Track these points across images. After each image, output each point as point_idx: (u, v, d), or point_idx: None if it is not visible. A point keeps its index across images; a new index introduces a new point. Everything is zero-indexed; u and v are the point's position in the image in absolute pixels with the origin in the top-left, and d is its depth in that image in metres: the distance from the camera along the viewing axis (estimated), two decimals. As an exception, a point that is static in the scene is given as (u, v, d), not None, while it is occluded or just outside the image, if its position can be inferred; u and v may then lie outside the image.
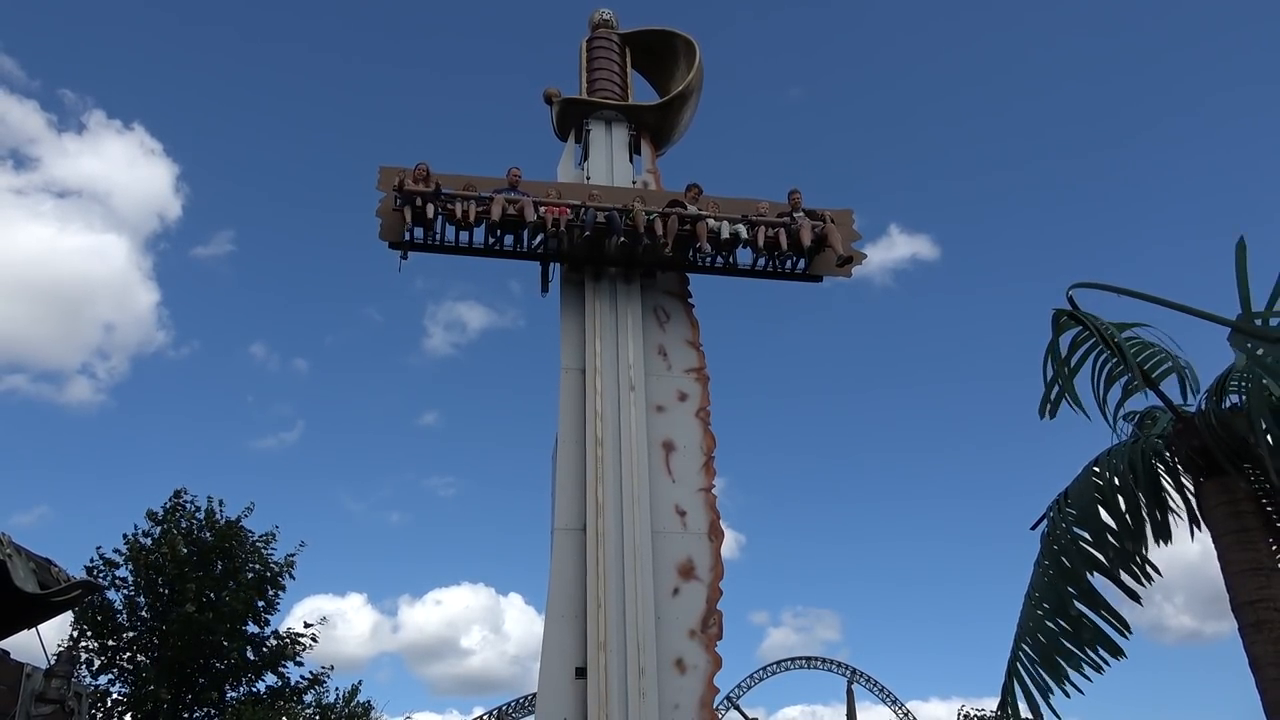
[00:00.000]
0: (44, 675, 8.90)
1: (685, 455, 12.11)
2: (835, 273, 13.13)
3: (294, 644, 19.04)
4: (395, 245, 12.57)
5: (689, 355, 12.78)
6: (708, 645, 11.11)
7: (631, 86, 15.16)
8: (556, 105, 14.61)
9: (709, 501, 11.87)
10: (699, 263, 13.12)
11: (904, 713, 48.19)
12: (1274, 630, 6.86)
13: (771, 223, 12.78)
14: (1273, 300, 6.58)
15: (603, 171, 13.94)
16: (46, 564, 8.57)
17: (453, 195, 12.32)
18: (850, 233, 13.25)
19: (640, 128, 14.59)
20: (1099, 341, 7.76)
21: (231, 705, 17.94)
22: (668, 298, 13.16)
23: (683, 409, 12.40)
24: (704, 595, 11.36)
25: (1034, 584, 8.69)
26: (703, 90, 15.00)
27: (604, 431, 11.83)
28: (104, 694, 17.46)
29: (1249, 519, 7.31)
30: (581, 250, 12.66)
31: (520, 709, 48.62)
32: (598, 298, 12.74)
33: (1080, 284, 7.48)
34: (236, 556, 18.68)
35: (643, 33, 15.67)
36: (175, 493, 19.05)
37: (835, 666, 51.14)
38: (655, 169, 14.41)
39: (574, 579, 11.19)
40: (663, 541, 11.49)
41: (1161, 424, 8.41)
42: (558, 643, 10.86)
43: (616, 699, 10.46)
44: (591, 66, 14.96)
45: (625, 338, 12.51)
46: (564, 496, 11.65)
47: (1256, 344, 6.66)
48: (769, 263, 13.12)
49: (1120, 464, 8.17)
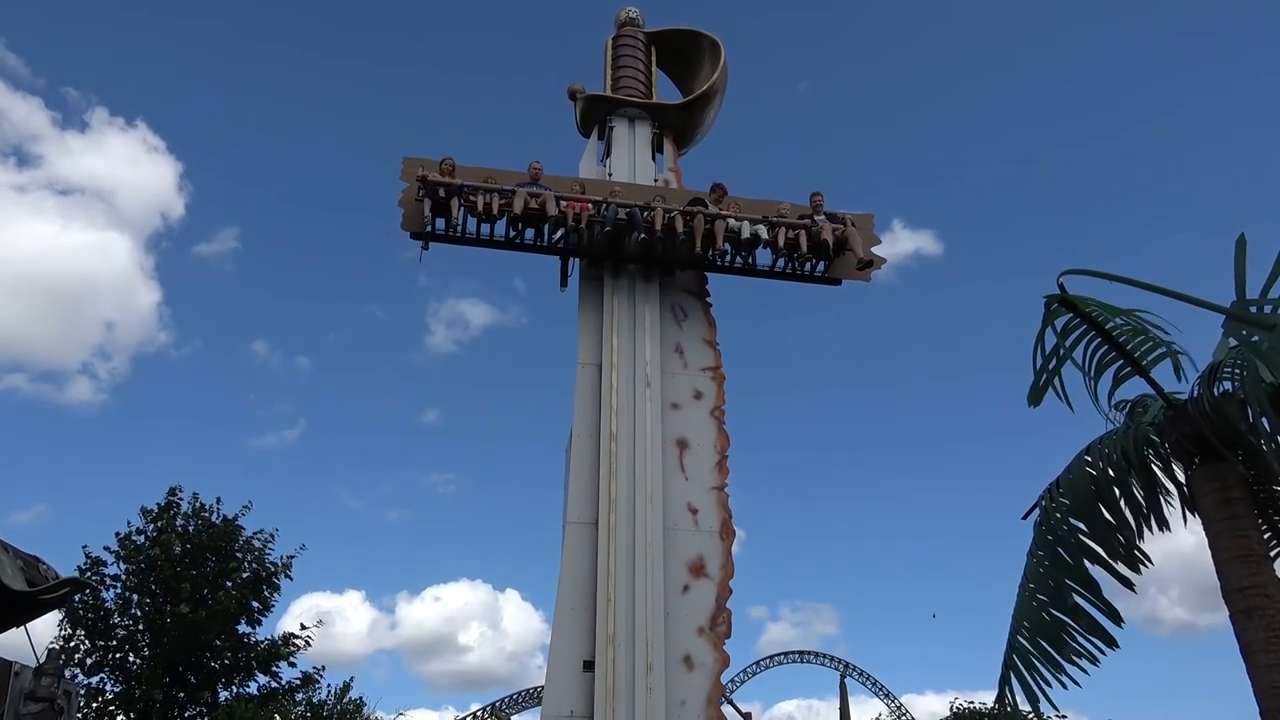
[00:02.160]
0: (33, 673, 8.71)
1: (699, 453, 12.14)
2: (854, 276, 13.14)
3: (288, 645, 18.89)
4: (416, 236, 12.63)
5: (706, 354, 12.81)
6: (716, 643, 11.14)
7: (656, 85, 15.21)
8: (580, 101, 14.67)
9: (721, 500, 11.90)
10: (718, 262, 13.15)
11: (897, 706, 48.27)
12: (1264, 617, 6.87)
13: (792, 224, 12.81)
14: (1268, 286, 6.61)
15: (625, 168, 13.99)
16: (34, 561, 8.48)
17: (475, 188, 12.39)
18: (870, 237, 13.27)
19: (663, 126, 14.64)
20: (1090, 328, 7.77)
21: (224, 705, 17.80)
22: (686, 296, 13.20)
23: (698, 407, 12.44)
24: (714, 593, 11.39)
25: (1028, 574, 8.65)
26: (727, 90, 15.04)
27: (619, 427, 11.87)
28: (96, 692, 17.29)
29: (1239, 506, 7.31)
30: (601, 246, 12.72)
31: (514, 704, 48.68)
32: (616, 294, 12.78)
33: (1071, 270, 7.44)
34: (232, 556, 18.51)
35: (668, 32, 15.71)
36: (170, 490, 18.90)
37: (828, 661, 51.29)
38: (677, 168, 14.44)
39: (585, 572, 11.23)
40: (674, 538, 11.52)
41: (1153, 411, 8.35)
42: (567, 635, 10.91)
43: (624, 693, 10.50)
44: (616, 64, 15.02)
45: (643, 334, 12.55)
46: (577, 490, 11.70)
47: (1252, 331, 6.65)
48: (788, 264, 13.14)
49: (1112, 452, 8.16)
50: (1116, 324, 7.83)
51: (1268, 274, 6.72)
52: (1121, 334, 7.91)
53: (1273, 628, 6.84)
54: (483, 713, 48.42)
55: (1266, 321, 6.51)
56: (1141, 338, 7.96)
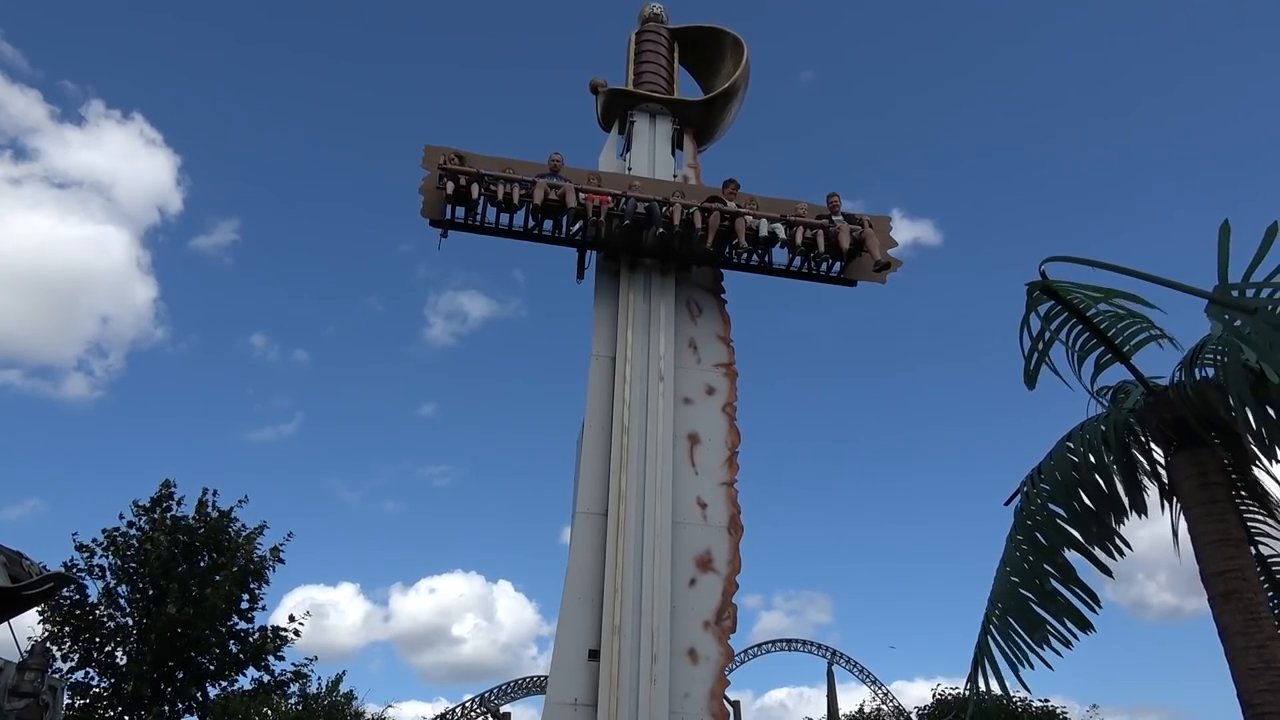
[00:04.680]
0: (17, 669, 8.80)
1: (709, 448, 12.20)
2: (871, 278, 13.19)
3: (277, 638, 18.86)
4: (436, 223, 12.69)
5: (719, 350, 12.87)
6: (721, 638, 11.20)
7: (678, 81, 15.27)
8: (602, 95, 14.73)
9: (730, 496, 11.96)
10: (735, 259, 13.21)
11: (884, 693, 48.52)
12: (1242, 600, 6.97)
13: (810, 224, 12.86)
14: (1249, 271, 6.59)
15: (644, 163, 14.05)
16: (17, 557, 8.43)
17: (496, 177, 12.46)
18: (887, 239, 13.31)
19: (684, 123, 14.69)
20: (1071, 315, 7.82)
21: (214, 701, 17.72)
22: (701, 292, 13.26)
23: (710, 403, 12.50)
24: (720, 588, 11.45)
25: (1005, 558, 8.75)
26: (748, 89, 15.10)
27: (631, 419, 11.94)
28: (84, 688, 17.21)
29: (1218, 490, 7.40)
30: (619, 239, 12.78)
31: (504, 695, 48.75)
32: (632, 288, 12.84)
33: (1053, 258, 7.49)
34: (224, 551, 18.42)
35: (691, 29, 15.77)
36: (164, 484, 18.81)
37: (815, 648, 51.46)
38: (696, 164, 14.50)
39: (592, 562, 11.30)
40: (682, 532, 11.58)
41: (1134, 397, 8.43)
42: (573, 624, 10.97)
43: (628, 683, 10.56)
44: (639, 59, 15.08)
45: (657, 329, 12.61)
46: (587, 480, 11.76)
47: (1234, 315, 6.63)
48: (804, 264, 13.20)
49: (1093, 438, 8.24)
50: (1099, 310, 7.88)
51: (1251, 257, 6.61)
52: (1103, 320, 7.97)
53: (1250, 611, 6.94)
54: (472, 703, 48.47)
55: (1248, 305, 6.48)
56: (1124, 324, 8.01)
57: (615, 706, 10.42)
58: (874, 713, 41.89)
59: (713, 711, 10.78)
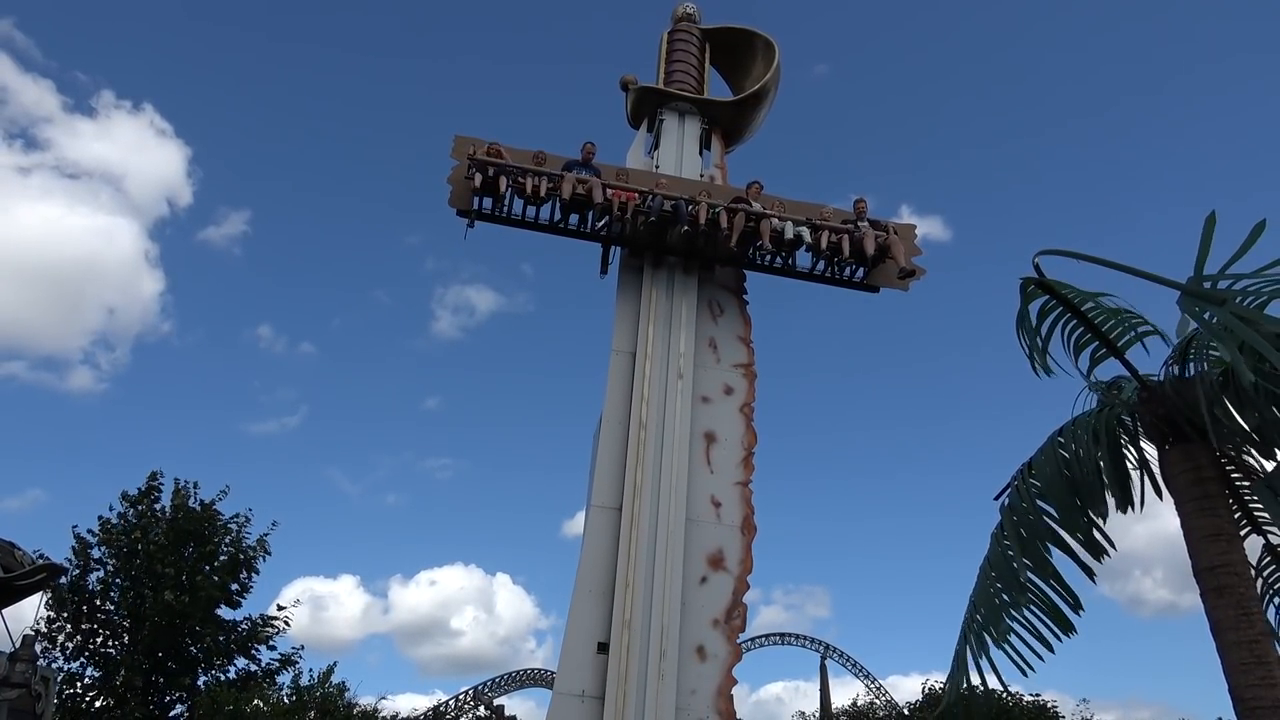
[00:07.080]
0: (8, 659, 8.79)
1: (726, 448, 12.23)
2: (894, 285, 13.20)
3: (266, 626, 18.86)
4: (463, 213, 12.76)
5: (739, 350, 12.90)
6: (730, 636, 11.23)
7: (708, 81, 15.30)
8: (632, 93, 14.78)
9: (745, 496, 11.99)
10: (758, 261, 13.24)
11: (877, 687, 48.58)
12: (1234, 595, 6.93)
13: (835, 228, 12.88)
14: (1227, 265, 6.50)
15: (672, 162, 14.09)
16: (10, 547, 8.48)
17: (524, 170, 12.51)
18: (912, 247, 13.31)
19: (713, 122, 14.72)
20: (1065, 310, 7.80)
21: (204, 690, 17.67)
22: (723, 292, 13.29)
23: (728, 402, 12.53)
24: (731, 587, 11.48)
25: (990, 555, 8.71)
26: (778, 91, 15.11)
27: (648, 416, 11.98)
28: (75, 677, 17.22)
29: (1211, 485, 7.34)
30: (644, 237, 12.82)
31: (500, 687, 48.84)
32: (655, 285, 12.89)
33: (1046, 251, 7.43)
34: (210, 541, 18.43)
35: (723, 29, 15.80)
36: (150, 475, 18.86)
37: (809, 643, 51.54)
38: (723, 164, 14.53)
39: (605, 556, 11.35)
40: (695, 530, 11.62)
41: (1127, 392, 8.41)
42: (584, 616, 11.03)
43: (636, 678, 10.61)
44: (670, 58, 15.11)
45: (678, 327, 12.65)
46: (603, 475, 11.81)
47: (1204, 307, 6.52)
48: (828, 268, 13.22)
49: (1083, 433, 8.18)
50: (1092, 306, 7.87)
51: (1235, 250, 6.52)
52: (1097, 315, 7.95)
53: (1242, 606, 6.91)
54: (467, 695, 48.53)
55: (1217, 297, 6.38)
56: (1118, 318, 7.99)
57: (623, 700, 10.47)
58: (866, 707, 41.98)
59: (719, 709, 10.81)
